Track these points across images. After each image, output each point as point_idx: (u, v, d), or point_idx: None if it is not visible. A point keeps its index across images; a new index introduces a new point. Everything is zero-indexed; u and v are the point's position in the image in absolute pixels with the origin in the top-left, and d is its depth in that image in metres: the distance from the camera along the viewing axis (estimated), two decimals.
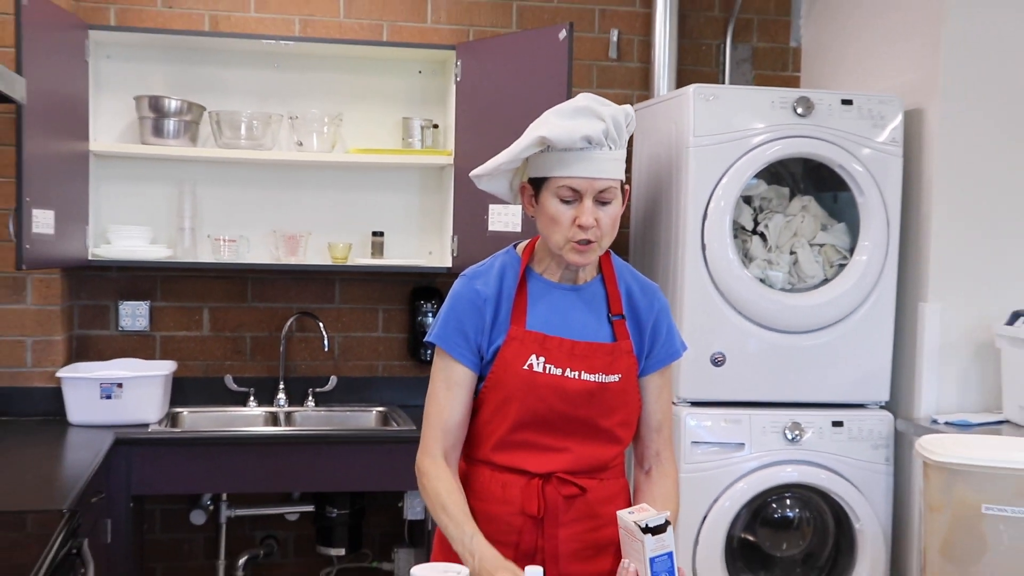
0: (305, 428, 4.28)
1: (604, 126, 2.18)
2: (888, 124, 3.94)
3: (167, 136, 4.19)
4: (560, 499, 2.28)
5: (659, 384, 2.39)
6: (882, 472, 3.94)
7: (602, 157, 2.18)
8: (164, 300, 4.44)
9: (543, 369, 2.25)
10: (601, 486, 2.32)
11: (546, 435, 2.26)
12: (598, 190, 2.19)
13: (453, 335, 2.29)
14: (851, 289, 3.94)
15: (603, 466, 2.33)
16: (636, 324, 2.35)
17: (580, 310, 2.32)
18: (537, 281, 2.33)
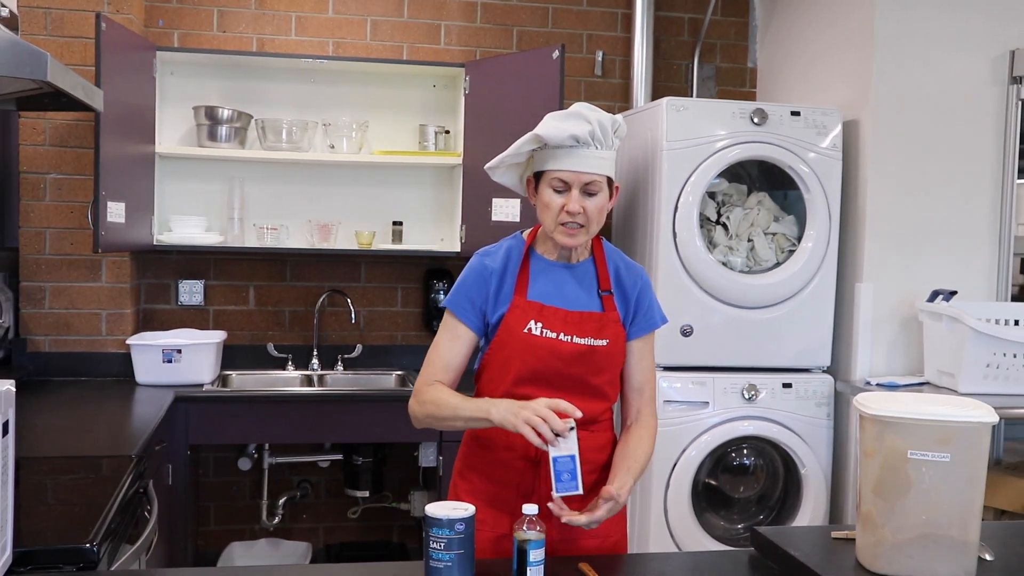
0: (335, 388, 4.29)
1: (590, 128, 2.20)
2: (830, 132, 3.95)
3: (220, 140, 4.21)
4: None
5: (641, 349, 2.38)
6: (824, 426, 3.96)
7: (588, 155, 2.21)
8: (216, 279, 4.46)
9: (540, 333, 2.28)
10: (591, 436, 2.32)
11: (543, 390, 2.25)
12: (584, 182, 2.22)
13: (462, 301, 2.32)
14: (799, 271, 3.95)
15: (593, 419, 2.32)
16: (623, 297, 2.36)
17: (573, 285, 2.34)
18: (538, 260, 2.36)
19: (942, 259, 4.00)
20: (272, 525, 4.49)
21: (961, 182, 4.00)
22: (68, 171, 4.01)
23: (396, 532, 4.73)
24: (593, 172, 2.22)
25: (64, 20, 3.95)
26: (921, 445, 1.84)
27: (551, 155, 2.24)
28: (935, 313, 3.76)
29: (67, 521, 2.24)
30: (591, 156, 2.22)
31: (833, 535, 2.11)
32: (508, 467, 2.30)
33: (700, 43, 4.79)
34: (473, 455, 2.35)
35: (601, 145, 2.23)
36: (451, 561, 1.83)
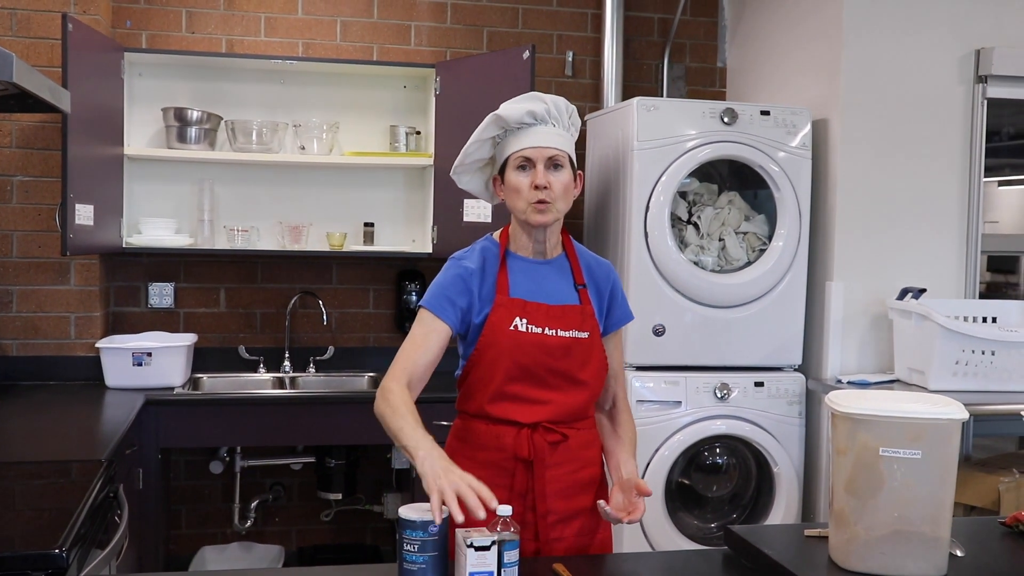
0: (307, 391, 4.28)
1: (546, 106, 2.28)
2: (799, 131, 3.96)
3: (189, 142, 4.18)
4: (546, 445, 2.31)
5: (614, 342, 2.46)
6: (796, 424, 3.97)
7: (547, 131, 2.28)
8: (187, 281, 4.43)
9: (526, 329, 2.29)
10: (579, 434, 2.35)
11: (532, 388, 2.29)
12: (547, 156, 2.27)
13: (440, 300, 2.30)
14: (770, 270, 3.95)
15: (580, 415, 2.36)
16: (596, 292, 2.40)
17: (552, 279, 2.37)
18: (514, 258, 2.37)
19: (911, 257, 4.01)
20: (244, 529, 4.46)
21: (930, 180, 4.02)
22: (35, 173, 3.97)
23: (369, 534, 4.71)
24: (554, 146, 2.28)
25: (30, 21, 3.91)
26: (893, 442, 1.85)
27: (512, 139, 2.30)
28: (905, 311, 3.79)
29: (35, 527, 2.22)
30: (550, 132, 2.28)
31: (806, 533, 2.11)
32: (500, 468, 2.29)
33: (670, 43, 4.80)
34: (461, 456, 2.27)
35: (558, 123, 2.30)
36: (425, 563, 1.82)
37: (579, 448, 2.35)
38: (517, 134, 2.29)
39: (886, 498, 1.86)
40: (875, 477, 1.87)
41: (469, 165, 2.42)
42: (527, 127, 2.29)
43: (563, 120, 2.31)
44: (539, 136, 2.28)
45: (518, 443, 2.28)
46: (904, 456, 1.85)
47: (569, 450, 2.34)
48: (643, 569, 2.11)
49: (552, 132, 2.29)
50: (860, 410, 1.87)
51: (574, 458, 2.34)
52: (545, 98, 2.29)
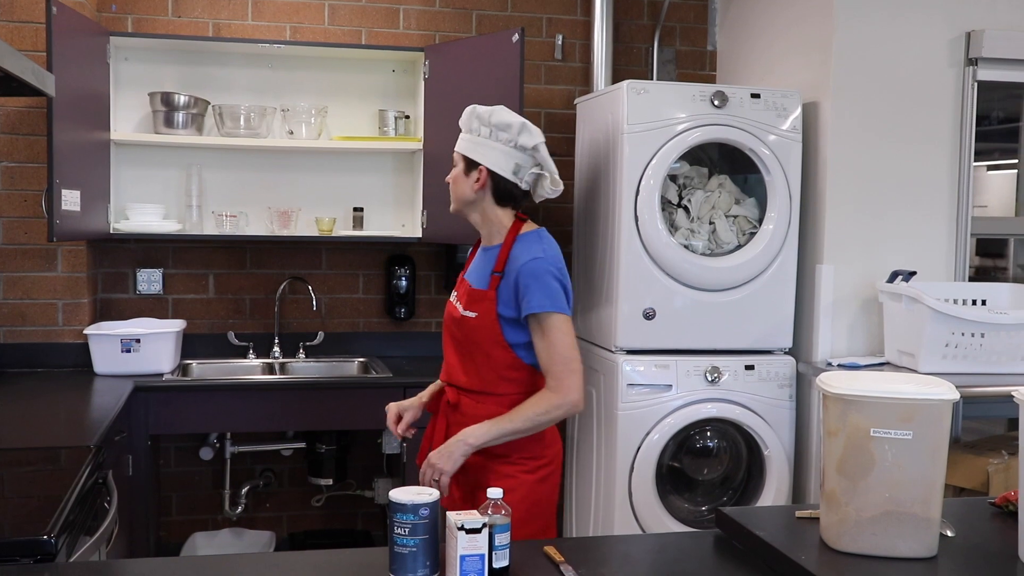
0: (297, 376, 4.27)
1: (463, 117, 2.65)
2: (790, 114, 3.95)
3: (177, 127, 4.16)
4: (445, 403, 2.66)
5: (536, 331, 2.52)
6: (786, 407, 3.97)
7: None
8: (175, 267, 4.42)
9: (452, 299, 2.71)
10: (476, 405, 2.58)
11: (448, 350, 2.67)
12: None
13: None
14: (760, 254, 3.95)
15: (473, 387, 2.60)
16: (512, 282, 2.53)
17: (482, 264, 2.65)
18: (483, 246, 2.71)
19: (901, 240, 4.01)
20: (235, 515, 4.46)
21: (920, 164, 4.02)
22: (20, 159, 3.95)
23: (360, 519, 4.71)
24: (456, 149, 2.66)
25: (14, 4, 3.88)
26: (884, 423, 1.85)
27: None
28: (895, 294, 3.79)
29: (24, 513, 2.22)
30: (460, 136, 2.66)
31: (797, 514, 2.12)
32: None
33: (660, 26, 4.79)
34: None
35: (464, 128, 2.65)
36: (415, 546, 1.82)
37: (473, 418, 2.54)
38: None
39: (877, 479, 1.87)
40: (866, 458, 1.87)
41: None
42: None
43: (467, 123, 2.64)
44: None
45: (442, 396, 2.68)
46: (895, 437, 1.85)
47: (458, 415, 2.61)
48: (635, 551, 2.11)
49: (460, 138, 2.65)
50: (851, 391, 1.87)
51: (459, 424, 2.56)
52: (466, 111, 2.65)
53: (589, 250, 4.24)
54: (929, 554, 1.88)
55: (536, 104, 4.71)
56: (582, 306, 4.34)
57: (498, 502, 1.90)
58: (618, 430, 3.86)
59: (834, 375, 1.96)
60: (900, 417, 1.85)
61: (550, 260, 2.54)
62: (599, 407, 4.07)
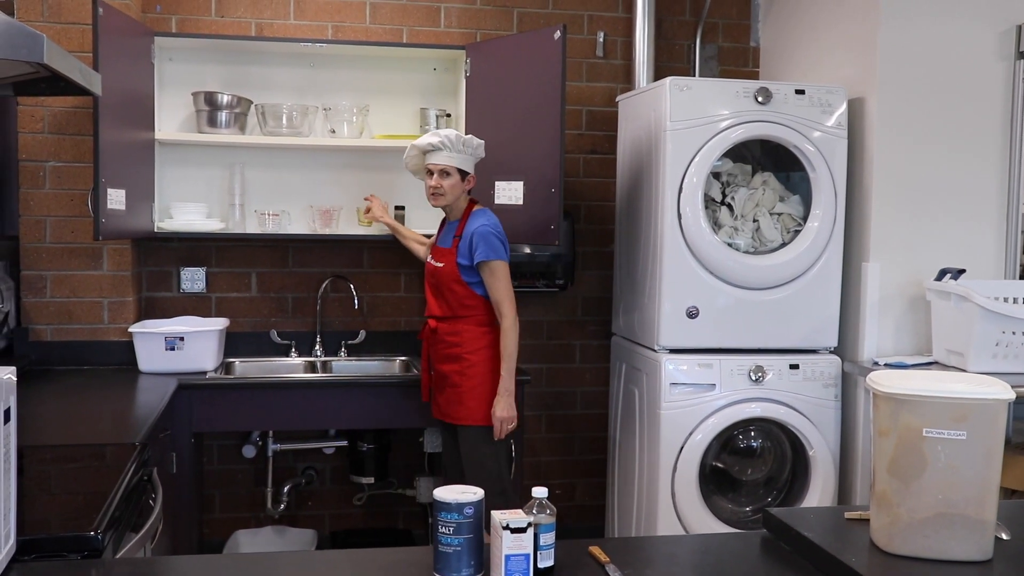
0: (339, 375, 4.27)
1: (440, 139, 3.56)
2: (835, 111, 3.92)
3: (220, 126, 4.18)
4: (429, 330, 3.70)
5: (485, 272, 3.57)
6: (831, 407, 3.95)
7: (440, 154, 3.58)
8: (218, 266, 4.44)
9: (427, 258, 3.81)
10: (445, 326, 3.65)
11: (429, 294, 3.72)
12: (439, 168, 3.59)
13: None
14: (805, 251, 3.93)
15: (448, 316, 3.64)
16: (468, 243, 3.57)
17: (446, 233, 3.71)
18: (446, 221, 3.75)
19: (949, 237, 3.97)
20: (277, 512, 4.48)
21: (968, 159, 3.96)
22: (67, 159, 3.98)
23: (402, 518, 4.71)
24: (442, 164, 3.58)
25: (61, 6, 3.91)
26: (937, 423, 1.82)
27: (427, 155, 3.62)
28: (943, 292, 3.74)
29: (71, 509, 2.23)
30: (443, 155, 3.58)
31: (847, 516, 2.08)
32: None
33: (702, 23, 4.76)
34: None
35: (450, 148, 3.57)
36: (460, 545, 1.81)
37: (445, 335, 3.65)
38: (429, 153, 3.61)
39: (929, 480, 1.83)
40: (918, 458, 1.83)
41: (411, 164, 3.71)
42: (432, 150, 3.59)
43: (455, 146, 3.57)
44: (436, 156, 3.59)
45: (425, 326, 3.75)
46: (949, 437, 1.81)
47: (439, 335, 3.67)
48: (681, 552, 2.08)
49: (444, 154, 3.58)
50: (903, 390, 1.84)
51: (441, 341, 3.66)
52: (440, 134, 3.58)
53: (631, 248, 4.23)
54: (984, 557, 1.84)
55: (578, 101, 4.69)
56: (624, 304, 4.34)
57: (543, 500, 1.88)
58: (661, 430, 3.86)
59: (885, 374, 1.93)
60: (953, 417, 1.81)
61: (492, 226, 3.58)
62: (642, 406, 4.06)
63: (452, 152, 3.57)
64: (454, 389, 3.64)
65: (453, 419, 3.66)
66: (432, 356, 3.73)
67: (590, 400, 4.84)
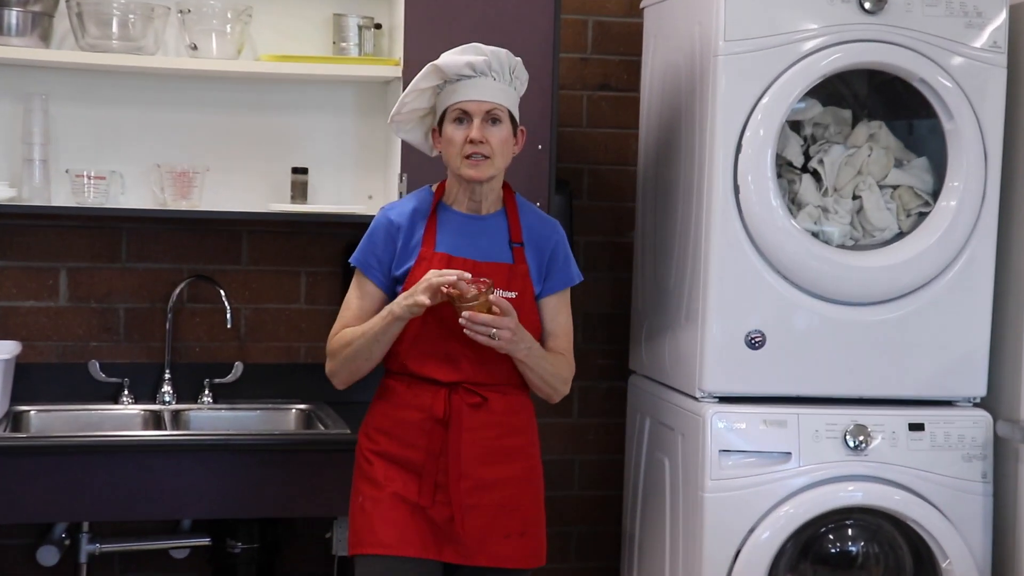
0: (200, 433, 4.22)
1: (485, 59, 3.18)
2: (988, 24, 3.89)
3: (7, 33, 4.06)
4: (464, 406, 3.25)
5: (556, 305, 3.36)
6: (977, 492, 3.91)
7: (486, 84, 3.19)
8: (4, 258, 4.34)
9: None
10: (504, 399, 3.28)
11: (452, 343, 3.22)
12: (484, 110, 3.18)
13: (368, 258, 3.30)
14: (935, 246, 3.90)
15: (506, 379, 3.27)
16: (536, 251, 3.32)
17: (484, 236, 3.31)
18: (447, 212, 3.33)
19: None
20: None
21: None
22: None
23: None
24: (492, 100, 3.20)
25: None
26: None
27: (452, 90, 3.22)
28: None
29: None
30: (489, 86, 3.20)
31: None
32: (416, 428, 3.25)
33: None
34: (380, 415, 3.33)
35: (499, 77, 3.22)
36: None
37: (503, 413, 3.28)
38: (456, 86, 3.20)
39: None
40: None
41: (407, 115, 3.34)
42: (466, 79, 3.19)
43: (504, 74, 3.22)
44: (478, 89, 3.19)
45: (435, 402, 3.24)
46: None
47: (491, 414, 3.27)
48: None
49: (492, 85, 3.20)
50: None
51: (497, 423, 3.27)
52: (485, 50, 3.19)
53: (661, 239, 4.25)
54: None
55: (581, 9, 4.70)
56: (649, 326, 4.38)
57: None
58: (705, 522, 3.84)
59: None
60: None
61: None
62: (675, 486, 4.05)
63: (504, 84, 3.26)
64: (514, 512, 3.33)
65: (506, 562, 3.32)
66: (467, 454, 3.28)
67: (594, 475, 4.86)
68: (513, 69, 3.24)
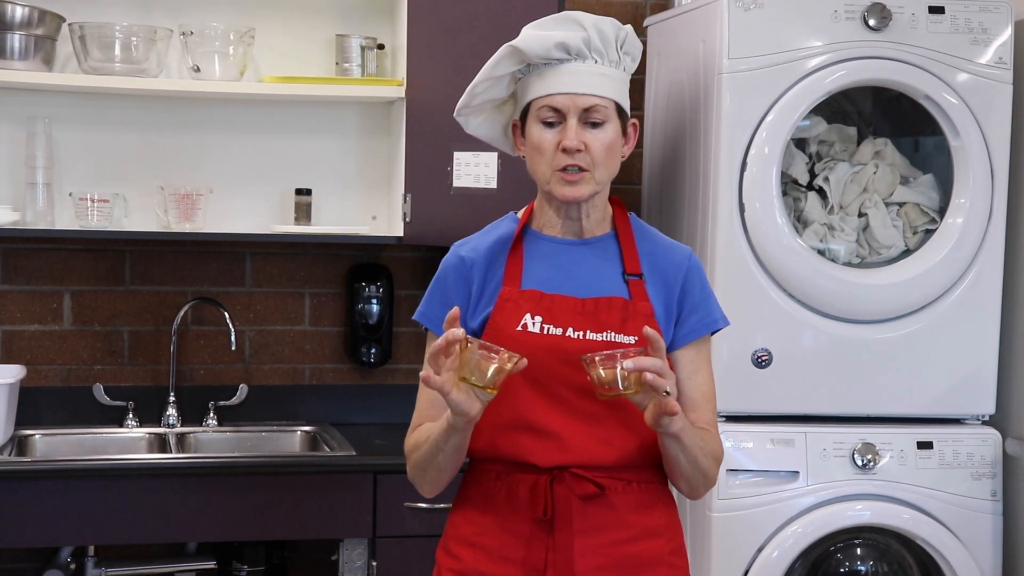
0: (204, 456, 4.22)
1: (585, 35, 2.42)
2: (993, 40, 3.89)
3: (11, 56, 4.07)
4: (574, 499, 2.44)
5: (694, 359, 2.54)
6: (987, 511, 3.91)
7: (585, 70, 2.43)
8: (8, 282, 4.34)
9: (540, 329, 2.45)
10: (628, 488, 2.48)
11: (552, 413, 2.43)
12: (582, 108, 2.42)
13: (438, 312, 2.46)
14: (942, 263, 3.90)
15: (630, 461, 2.46)
16: (662, 285, 2.53)
17: (588, 266, 2.54)
18: (536, 238, 2.57)
19: None
20: None
21: None
22: None
23: None
24: (594, 93, 2.43)
25: None
26: None
27: (537, 78, 2.47)
28: None
29: None
30: (589, 72, 2.44)
31: None
32: (511, 534, 2.45)
33: None
34: (462, 521, 2.54)
35: (602, 58, 2.46)
36: None
37: (628, 510, 2.48)
38: (543, 72, 2.46)
39: None
40: None
41: (479, 107, 2.60)
42: (556, 64, 2.45)
43: (610, 52, 2.47)
44: (573, 78, 2.43)
45: (534, 496, 2.45)
46: None
47: (612, 510, 2.47)
48: None
49: (592, 72, 2.44)
50: None
51: (620, 523, 2.47)
52: (585, 22, 2.44)
53: None
54: None
55: None
56: None
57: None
58: (713, 542, 3.85)
59: None
60: None
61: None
62: (680, 505, 3.91)
63: (609, 67, 2.51)
64: None
65: None
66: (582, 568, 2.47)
67: None
68: (622, 43, 2.50)
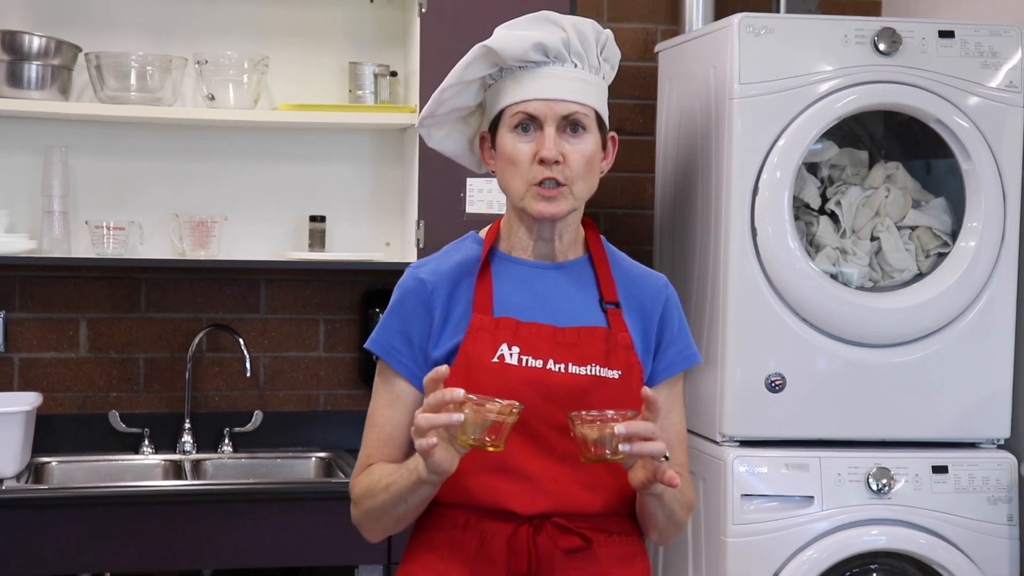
0: (219, 482, 4.23)
1: (564, 35, 2.29)
2: (1004, 63, 3.89)
3: (27, 86, 4.07)
4: (556, 553, 2.28)
5: (667, 397, 2.40)
6: (1003, 536, 3.89)
7: (564, 75, 2.29)
8: (24, 310, 4.35)
9: (518, 361, 2.28)
10: (611, 541, 2.33)
11: (530, 454, 2.27)
12: (561, 115, 2.27)
13: (394, 340, 2.35)
14: (955, 286, 3.89)
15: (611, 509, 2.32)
16: (639, 316, 2.41)
17: (563, 292, 2.39)
18: (505, 261, 2.40)
19: None
20: None
21: None
22: None
23: None
24: (574, 100, 2.29)
25: None
26: None
27: (512, 83, 2.31)
28: None
29: None
30: (568, 77, 2.30)
31: None
32: None
33: None
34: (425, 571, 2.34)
35: (582, 62, 2.32)
36: None
37: (612, 563, 2.33)
38: (518, 76, 2.31)
39: None
40: None
41: (444, 116, 2.44)
42: (533, 67, 2.30)
43: (590, 57, 2.34)
44: (551, 82, 2.29)
45: (513, 549, 2.26)
46: None
47: (596, 565, 2.31)
48: None
49: (572, 76, 2.31)
50: None
51: None
52: (564, 23, 2.32)
53: (679, 283, 4.16)
54: None
55: None
56: None
57: None
58: (728, 568, 3.82)
59: None
60: None
61: None
62: (696, 530, 4.02)
63: (588, 72, 2.36)
64: None
65: None
66: None
67: None
68: (602, 48, 2.37)
